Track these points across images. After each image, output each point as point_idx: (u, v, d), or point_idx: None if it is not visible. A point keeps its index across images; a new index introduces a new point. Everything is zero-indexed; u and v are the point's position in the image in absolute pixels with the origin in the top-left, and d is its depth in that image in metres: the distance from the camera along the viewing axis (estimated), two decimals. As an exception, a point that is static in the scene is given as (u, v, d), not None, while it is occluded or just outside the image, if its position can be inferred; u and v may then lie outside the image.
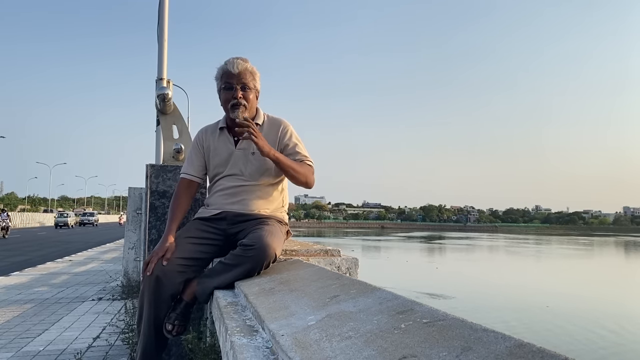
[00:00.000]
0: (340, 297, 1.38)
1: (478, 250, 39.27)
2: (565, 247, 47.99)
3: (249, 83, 2.46)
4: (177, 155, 3.87)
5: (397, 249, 39.39)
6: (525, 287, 16.70)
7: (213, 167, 2.58)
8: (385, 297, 1.26)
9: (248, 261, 2.08)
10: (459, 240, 54.88)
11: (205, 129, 2.66)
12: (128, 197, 8.22)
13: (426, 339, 0.89)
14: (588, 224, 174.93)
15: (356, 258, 2.50)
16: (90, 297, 7.37)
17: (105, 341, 4.65)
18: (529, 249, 42.79)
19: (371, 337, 0.97)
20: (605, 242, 62.89)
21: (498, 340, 0.81)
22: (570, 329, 10.57)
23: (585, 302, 14.20)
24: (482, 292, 15.30)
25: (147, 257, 2.31)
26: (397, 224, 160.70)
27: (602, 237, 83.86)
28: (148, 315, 2.26)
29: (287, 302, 1.48)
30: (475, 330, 0.88)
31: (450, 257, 31.80)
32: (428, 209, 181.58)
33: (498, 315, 11.47)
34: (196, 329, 2.84)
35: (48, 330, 5.16)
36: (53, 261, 13.18)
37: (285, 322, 1.25)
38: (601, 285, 19.26)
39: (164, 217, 3.42)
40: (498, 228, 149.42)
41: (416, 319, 1.02)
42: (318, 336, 1.07)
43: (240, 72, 2.44)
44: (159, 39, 6.18)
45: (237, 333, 1.34)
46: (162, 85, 4.71)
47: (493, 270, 24.06)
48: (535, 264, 29.22)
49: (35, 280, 9.31)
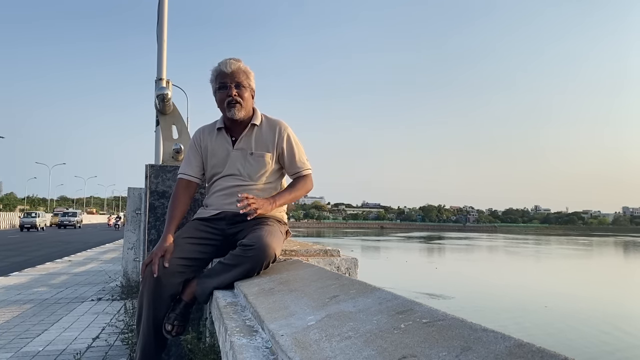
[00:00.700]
0: (339, 297, 1.38)
1: (477, 251, 39.27)
2: (565, 247, 48.00)
3: (243, 82, 2.47)
4: (177, 156, 3.87)
5: (396, 249, 39.38)
6: (524, 287, 16.71)
7: (211, 167, 2.58)
8: (385, 297, 1.26)
9: (247, 261, 2.07)
10: (458, 241, 54.88)
11: (203, 129, 2.65)
12: (127, 198, 8.22)
13: (426, 339, 0.89)
14: (587, 224, 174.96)
15: (356, 258, 2.51)
16: (90, 297, 7.37)
17: (104, 341, 4.64)
18: (528, 249, 42.80)
19: (371, 337, 0.97)
20: (604, 242, 62.90)
21: (498, 340, 0.81)
22: (570, 329, 10.57)
23: (585, 303, 14.20)
24: (482, 293, 15.30)
25: (146, 259, 2.31)
26: (396, 224, 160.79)
27: (601, 237, 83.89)
28: (147, 315, 2.26)
29: (287, 302, 1.48)
30: (474, 330, 0.88)
31: (449, 258, 31.80)
32: (427, 209, 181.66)
33: (497, 316, 11.47)
34: (195, 329, 2.84)
35: (47, 330, 5.16)
36: (52, 261, 13.17)
37: (285, 322, 1.24)
38: (600, 285, 19.26)
39: (164, 217, 3.42)
40: (497, 228, 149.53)
41: (416, 319, 1.02)
42: (318, 336, 1.07)
43: (233, 71, 2.45)
44: (159, 39, 6.18)
45: (236, 333, 1.34)
46: (162, 85, 4.72)
47: (492, 270, 24.06)
48: (535, 264, 29.22)
49: (35, 280, 9.30)
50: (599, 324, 11.14)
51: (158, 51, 6.11)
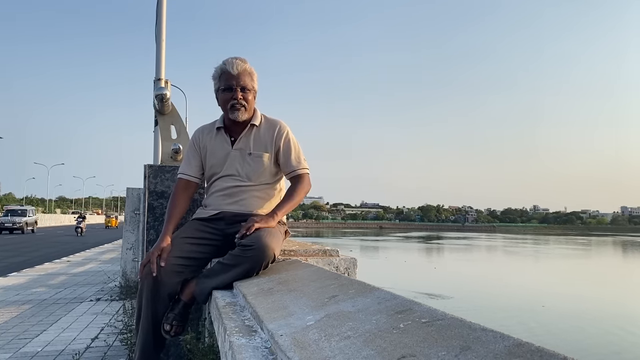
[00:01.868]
0: (339, 297, 1.38)
1: (476, 251, 39.30)
2: (564, 247, 48.06)
3: (248, 84, 2.46)
4: (175, 156, 3.87)
5: (395, 249, 39.39)
6: (523, 287, 16.72)
7: (209, 167, 2.58)
8: (384, 296, 1.26)
9: (247, 261, 2.07)
10: (457, 241, 54.91)
11: (202, 129, 2.65)
12: (126, 198, 8.22)
13: (425, 339, 0.89)
14: (586, 224, 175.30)
15: (354, 258, 2.51)
16: (89, 297, 7.36)
17: (103, 342, 4.64)
18: (527, 249, 42.84)
19: (370, 337, 0.97)
20: (603, 241, 62.96)
21: (497, 340, 0.81)
22: (568, 328, 10.58)
23: (587, 303, 14.21)
24: (481, 292, 15.31)
25: (144, 259, 2.30)
26: (395, 224, 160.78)
27: (600, 236, 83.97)
28: (146, 315, 2.26)
29: (286, 302, 1.48)
30: (474, 330, 0.88)
31: (448, 257, 31.82)
32: (426, 209, 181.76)
33: (497, 315, 11.48)
34: (194, 330, 2.84)
35: (46, 330, 5.15)
36: (51, 262, 13.15)
37: (284, 322, 1.25)
38: (601, 285, 19.27)
39: (162, 218, 3.42)
40: (496, 228, 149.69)
41: (415, 318, 1.02)
42: (317, 336, 1.07)
43: (239, 73, 2.43)
44: (157, 39, 6.17)
45: (235, 333, 1.34)
46: (160, 85, 4.72)
47: (491, 270, 24.08)
48: (534, 263, 29.26)
49: (33, 280, 9.29)
50: (599, 324, 11.15)
51: (157, 51, 6.10)
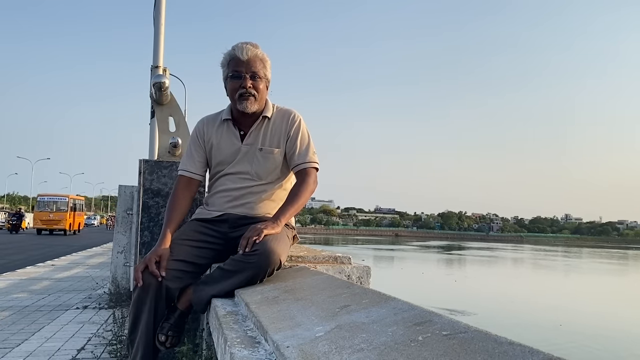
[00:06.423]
0: (351, 307, 1.38)
1: (502, 263, 39.12)
2: (598, 260, 47.71)
3: (259, 71, 2.42)
4: (174, 150, 3.89)
5: (412, 259, 39.30)
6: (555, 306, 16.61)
7: (215, 163, 2.56)
8: (401, 307, 1.27)
9: (250, 268, 2.05)
10: (480, 251, 54.68)
11: (206, 120, 2.63)
12: (118, 196, 8.23)
13: (446, 352, 0.89)
14: (623, 236, 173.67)
15: (368, 266, 2.51)
16: (75, 305, 7.41)
17: (90, 353, 4.66)
18: (558, 262, 42.58)
19: (385, 350, 0.98)
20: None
21: (525, 355, 0.81)
22: (602, 349, 10.53)
23: (621, 322, 14.12)
24: (509, 310, 15.21)
25: (140, 264, 2.28)
26: (412, 232, 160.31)
27: (638, 250, 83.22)
28: (143, 325, 2.25)
29: (293, 311, 1.49)
30: (500, 344, 0.88)
31: (471, 270, 31.68)
32: (447, 216, 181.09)
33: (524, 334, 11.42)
34: (191, 341, 2.85)
35: (28, 340, 5.19)
36: (34, 265, 13.23)
37: (291, 333, 1.25)
38: (636, 304, 19.13)
39: (158, 218, 3.44)
40: (524, 238, 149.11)
41: (435, 330, 1.03)
42: (327, 348, 1.07)
43: (249, 59, 2.40)
44: (155, 22, 6.20)
45: (237, 344, 1.35)
46: (159, 73, 4.74)
47: (520, 285, 23.94)
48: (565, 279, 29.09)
49: (14, 285, 9.36)
50: (633, 347, 11.10)
51: (155, 36, 6.12)
